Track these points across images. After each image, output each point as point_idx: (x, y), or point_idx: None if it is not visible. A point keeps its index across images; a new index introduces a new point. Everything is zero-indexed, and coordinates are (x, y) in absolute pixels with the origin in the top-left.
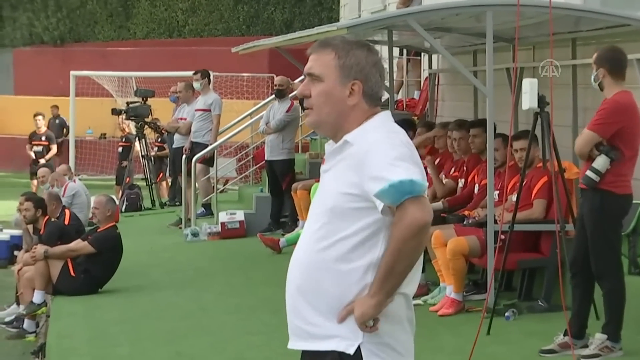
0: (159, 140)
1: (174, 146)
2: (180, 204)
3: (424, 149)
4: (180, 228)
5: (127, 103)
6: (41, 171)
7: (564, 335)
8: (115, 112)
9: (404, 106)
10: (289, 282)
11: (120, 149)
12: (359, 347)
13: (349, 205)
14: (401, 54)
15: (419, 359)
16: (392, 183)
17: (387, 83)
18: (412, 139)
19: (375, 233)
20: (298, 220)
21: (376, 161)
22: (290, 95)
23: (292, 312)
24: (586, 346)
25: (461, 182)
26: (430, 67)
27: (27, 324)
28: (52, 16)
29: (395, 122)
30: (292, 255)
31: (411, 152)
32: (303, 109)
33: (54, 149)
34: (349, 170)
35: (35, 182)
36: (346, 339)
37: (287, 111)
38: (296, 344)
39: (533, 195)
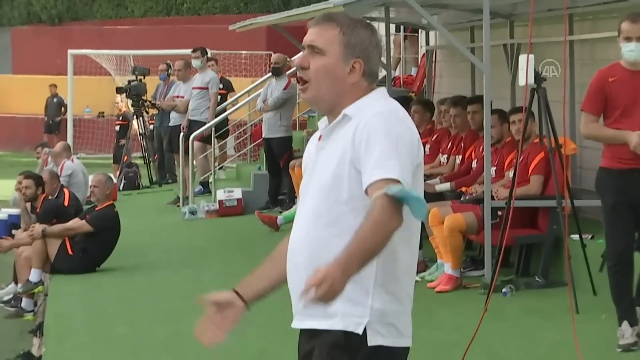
0: (152, 117)
1: (170, 124)
2: (173, 182)
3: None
4: (178, 206)
5: (129, 81)
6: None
7: (632, 325)
8: (121, 90)
9: (402, 83)
10: (292, 261)
11: (117, 128)
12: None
13: (347, 178)
14: (398, 30)
15: (417, 336)
16: (388, 191)
17: (384, 60)
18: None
19: None
20: (296, 197)
21: (374, 152)
22: (287, 72)
23: (298, 291)
24: None
25: (458, 159)
26: (427, 43)
27: (25, 302)
28: None
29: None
30: (292, 235)
31: (411, 135)
32: (298, 81)
33: None
34: (348, 145)
35: None
36: (354, 317)
37: (284, 89)
38: (301, 323)
39: (530, 171)
